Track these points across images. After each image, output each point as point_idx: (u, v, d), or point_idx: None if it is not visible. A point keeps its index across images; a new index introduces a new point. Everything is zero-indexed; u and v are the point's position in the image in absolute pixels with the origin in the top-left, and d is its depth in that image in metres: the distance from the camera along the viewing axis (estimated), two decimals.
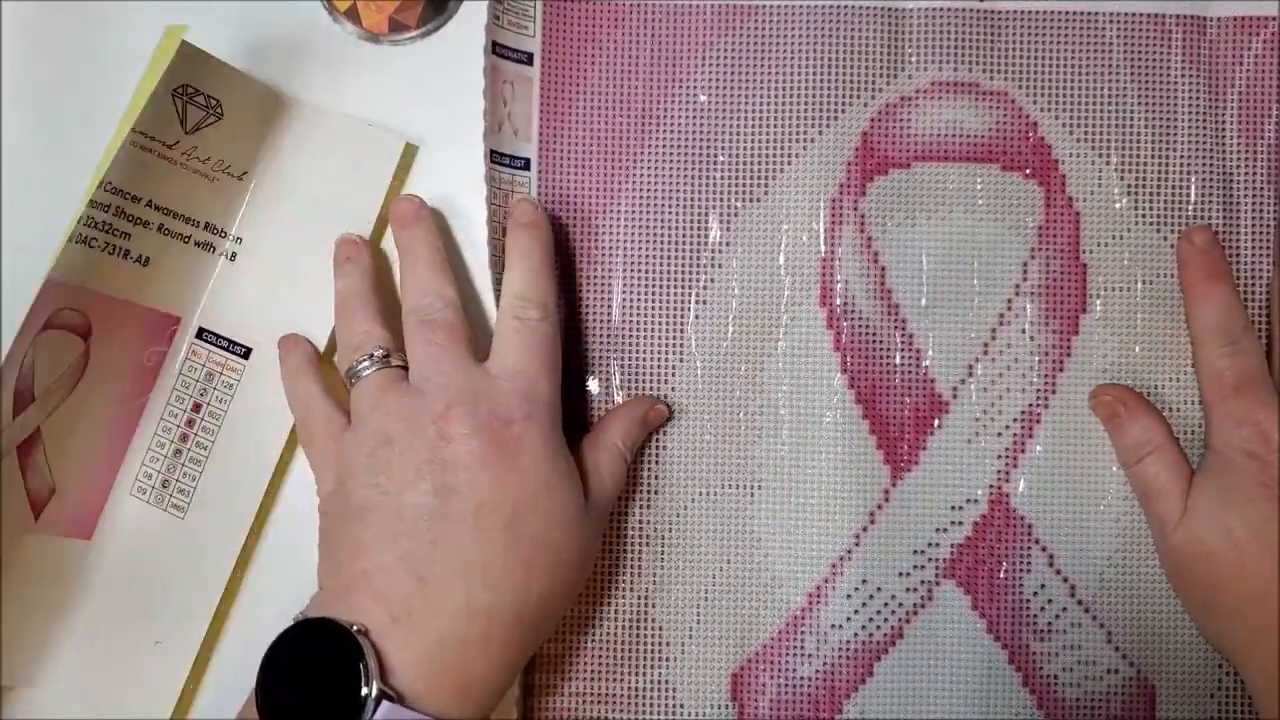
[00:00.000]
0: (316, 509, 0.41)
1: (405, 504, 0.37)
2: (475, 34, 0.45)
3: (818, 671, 0.44)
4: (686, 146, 0.45)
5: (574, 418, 0.44)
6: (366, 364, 0.40)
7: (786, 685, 0.44)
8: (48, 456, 0.42)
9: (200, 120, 0.43)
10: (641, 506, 0.45)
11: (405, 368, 0.41)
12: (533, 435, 0.39)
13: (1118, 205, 0.44)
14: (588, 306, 0.45)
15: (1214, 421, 0.42)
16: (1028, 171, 0.45)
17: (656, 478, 0.45)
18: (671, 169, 0.45)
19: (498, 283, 0.43)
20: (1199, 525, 0.40)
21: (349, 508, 0.38)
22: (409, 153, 0.46)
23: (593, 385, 0.45)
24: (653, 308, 0.45)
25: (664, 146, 0.45)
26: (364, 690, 0.34)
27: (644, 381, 0.45)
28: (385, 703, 0.34)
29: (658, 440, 0.45)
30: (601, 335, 0.45)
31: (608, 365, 0.45)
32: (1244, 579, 0.39)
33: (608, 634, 0.44)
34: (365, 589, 0.37)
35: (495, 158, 0.44)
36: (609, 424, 0.43)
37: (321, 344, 0.45)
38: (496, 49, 0.45)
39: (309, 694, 0.35)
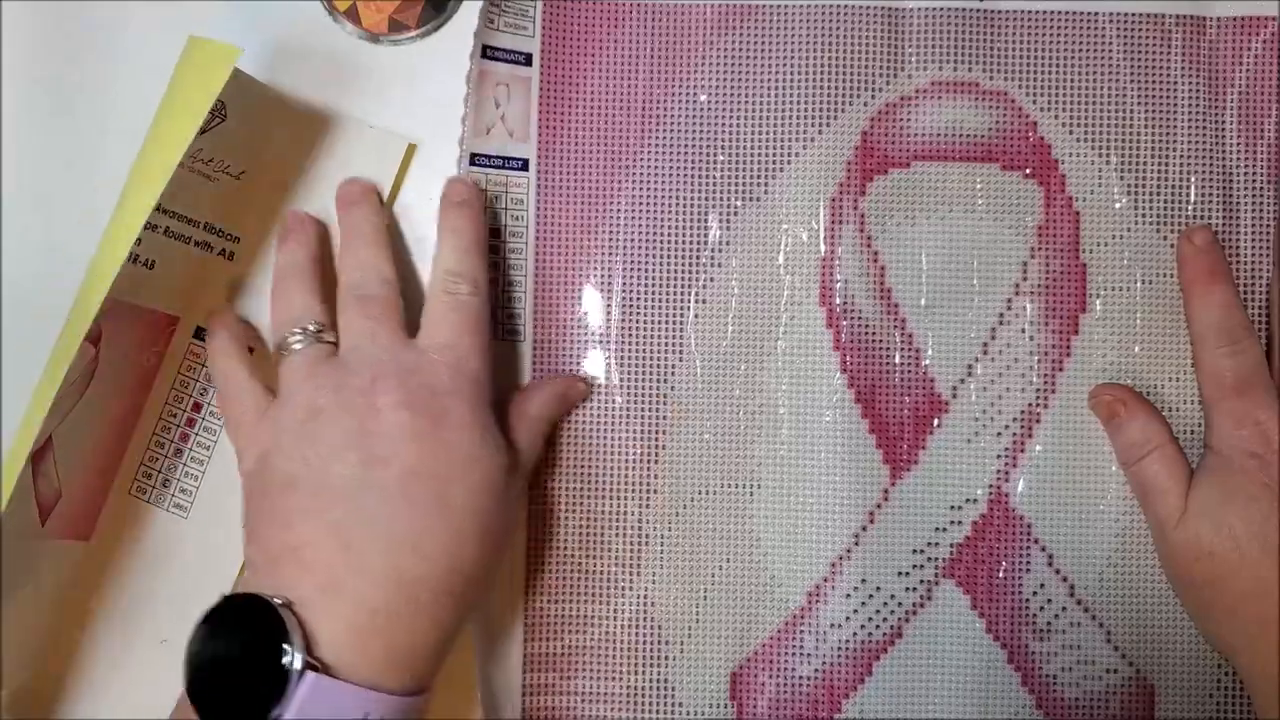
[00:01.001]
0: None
1: (332, 474, 0.37)
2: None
3: (817, 671, 0.44)
4: (686, 146, 0.45)
5: (582, 414, 0.45)
6: (299, 338, 0.40)
7: (786, 684, 0.44)
8: (56, 462, 0.42)
9: (205, 124, 0.43)
10: (640, 505, 0.45)
11: (336, 344, 0.41)
12: (460, 407, 0.39)
13: (1117, 205, 0.44)
14: (587, 305, 0.45)
15: (1214, 421, 0.42)
16: (1028, 171, 0.45)
17: (655, 477, 0.45)
18: (671, 168, 0.45)
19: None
20: (1199, 524, 0.40)
21: (273, 481, 0.38)
22: (409, 153, 0.46)
23: (595, 390, 0.45)
24: (652, 306, 0.45)
25: (664, 146, 0.45)
26: (286, 661, 0.34)
27: (643, 380, 0.45)
28: (310, 674, 0.34)
29: (656, 439, 0.45)
30: (601, 334, 0.45)
31: (608, 364, 0.45)
32: (1244, 577, 0.39)
33: (607, 633, 0.44)
34: (292, 561, 0.36)
35: (477, 160, 0.44)
36: (529, 396, 0.43)
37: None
38: (487, 52, 0.45)
39: (234, 670, 0.34)
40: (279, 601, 0.35)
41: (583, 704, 0.44)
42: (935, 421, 0.44)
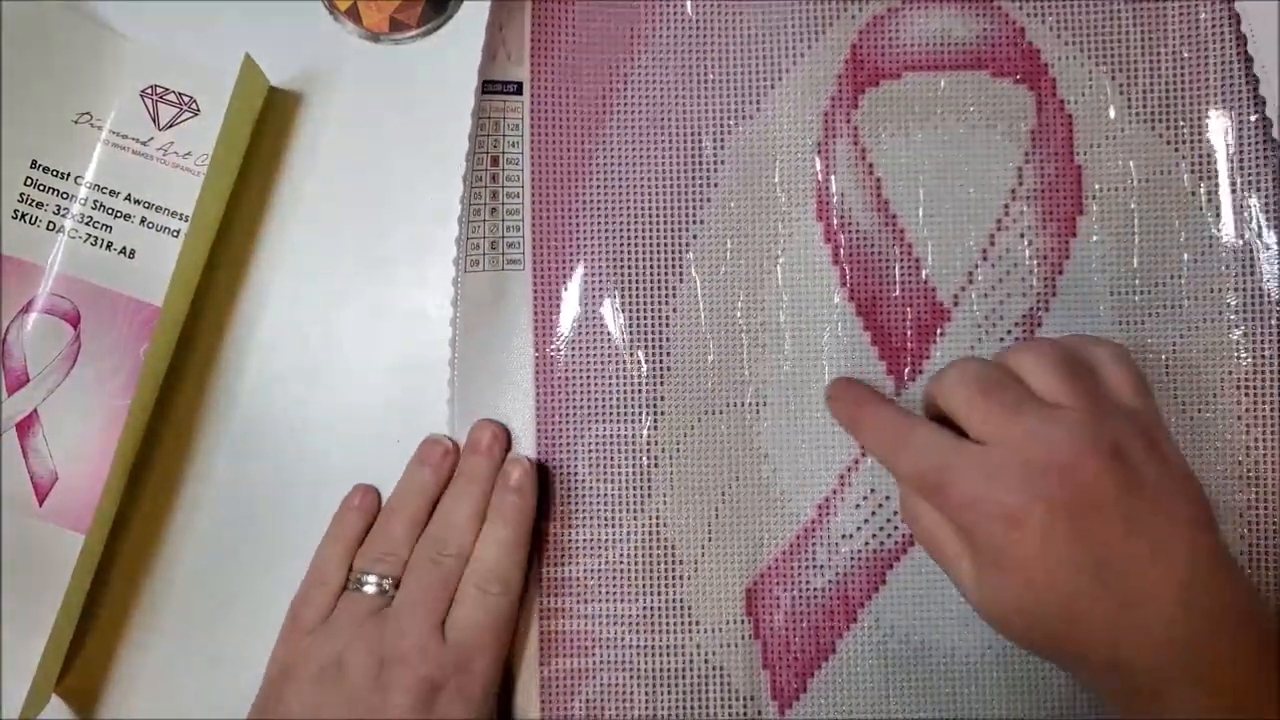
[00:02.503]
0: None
1: None
2: (475, 34, 0.45)
3: (830, 582, 0.44)
4: (676, 65, 0.45)
5: (586, 340, 0.45)
6: (373, 585, 0.42)
7: (800, 597, 0.44)
8: (48, 442, 0.42)
9: (174, 117, 0.43)
10: (649, 428, 0.45)
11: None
12: (458, 707, 0.40)
13: (1109, 106, 0.45)
14: (585, 232, 0.45)
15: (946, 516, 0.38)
16: (1018, 77, 0.45)
17: (662, 399, 0.45)
18: (662, 89, 0.45)
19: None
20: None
21: (279, 707, 0.40)
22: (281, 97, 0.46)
23: (602, 310, 0.45)
24: (650, 230, 0.45)
25: (654, 66, 0.45)
26: None
27: (645, 302, 0.45)
28: None
29: (661, 361, 0.45)
30: (601, 260, 0.45)
31: (609, 289, 0.45)
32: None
33: (621, 556, 0.45)
34: None
35: (488, 87, 0.44)
36: None
37: None
38: None
39: None
40: None
41: (600, 627, 0.44)
42: (938, 330, 0.45)
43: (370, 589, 0.42)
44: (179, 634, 0.42)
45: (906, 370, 0.45)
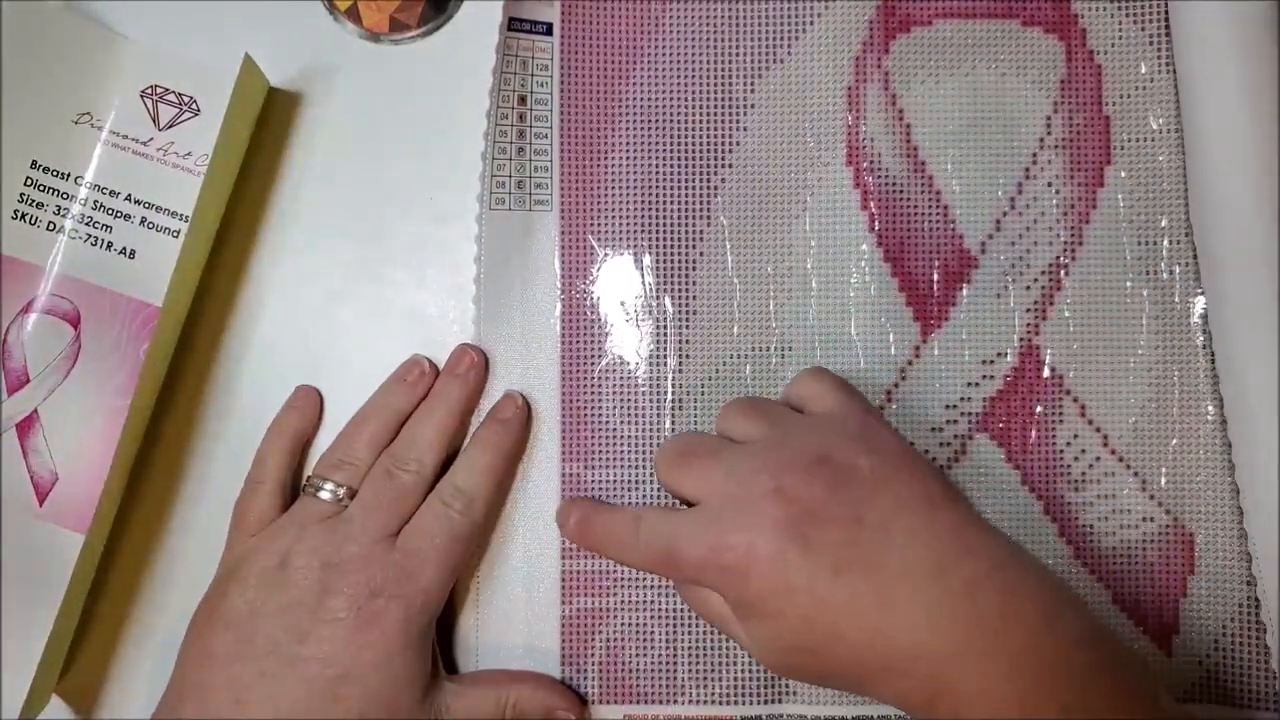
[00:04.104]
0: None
1: (260, 631, 0.39)
2: (475, 34, 0.46)
3: None
4: (708, 9, 0.46)
5: (613, 283, 0.45)
6: (329, 493, 0.42)
7: None
8: (48, 442, 0.42)
9: (174, 118, 0.43)
10: (674, 370, 0.45)
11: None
12: (394, 613, 0.39)
13: (1140, 60, 0.45)
14: (613, 174, 0.45)
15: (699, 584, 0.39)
16: (1047, 27, 0.45)
17: (687, 342, 0.45)
18: (692, 32, 0.46)
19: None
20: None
21: (217, 615, 0.40)
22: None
23: (629, 252, 0.45)
24: (678, 173, 0.45)
25: (685, 10, 0.46)
26: None
27: (672, 245, 0.45)
28: None
29: (687, 305, 0.45)
30: (629, 201, 0.45)
31: (636, 232, 0.45)
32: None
33: (643, 498, 0.44)
34: (195, 699, 0.39)
35: (514, 25, 0.44)
36: (510, 685, 0.42)
37: None
38: None
39: None
40: None
41: (621, 567, 0.44)
42: (965, 277, 0.44)
43: (325, 495, 0.42)
44: (179, 634, 0.41)
45: (932, 316, 0.44)
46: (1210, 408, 0.43)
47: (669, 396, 0.44)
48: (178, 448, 0.46)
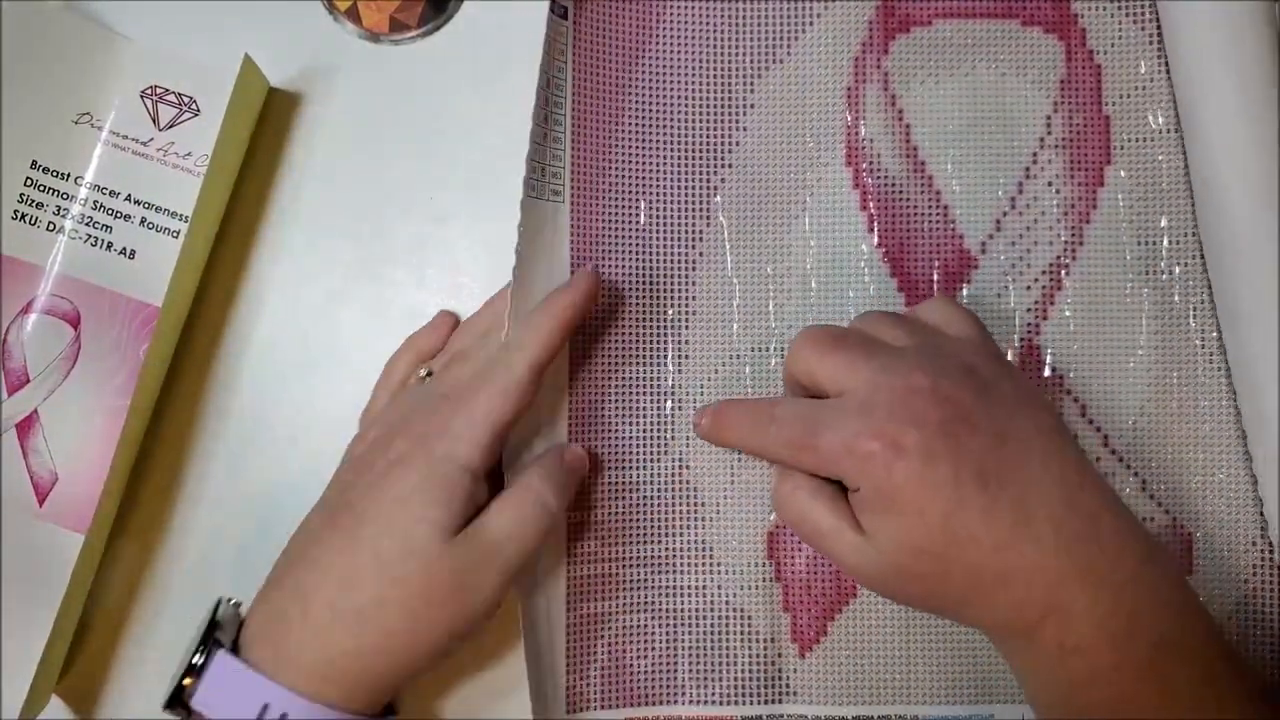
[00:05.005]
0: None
1: (327, 500, 0.40)
2: (475, 34, 0.46)
3: None
4: (711, 5, 0.45)
5: (617, 280, 0.44)
6: (423, 376, 0.43)
7: None
8: (48, 443, 0.42)
9: (174, 118, 0.43)
10: (674, 371, 0.44)
11: None
12: (418, 458, 0.38)
13: (1139, 59, 0.45)
14: (618, 167, 0.45)
15: (828, 472, 0.38)
16: (1047, 27, 0.45)
17: (686, 342, 0.45)
18: (693, 30, 0.45)
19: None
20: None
21: (331, 492, 0.41)
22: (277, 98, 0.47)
23: (632, 249, 0.44)
24: (679, 170, 0.45)
25: (689, 4, 0.45)
26: (201, 649, 0.37)
27: (674, 246, 0.45)
28: (219, 654, 0.36)
29: (688, 305, 0.45)
30: (633, 197, 0.45)
31: (639, 228, 0.44)
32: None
33: (645, 497, 0.44)
34: (286, 575, 0.39)
35: (553, 8, 0.44)
36: (528, 465, 0.41)
37: None
38: None
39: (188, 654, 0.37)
40: (230, 600, 0.39)
41: (624, 569, 0.44)
42: (965, 278, 0.44)
43: (422, 379, 0.43)
44: (179, 634, 0.40)
45: None
46: (1210, 407, 0.43)
47: (669, 396, 0.44)
48: (177, 448, 0.46)
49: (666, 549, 0.44)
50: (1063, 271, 0.44)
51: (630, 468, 0.44)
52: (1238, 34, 0.44)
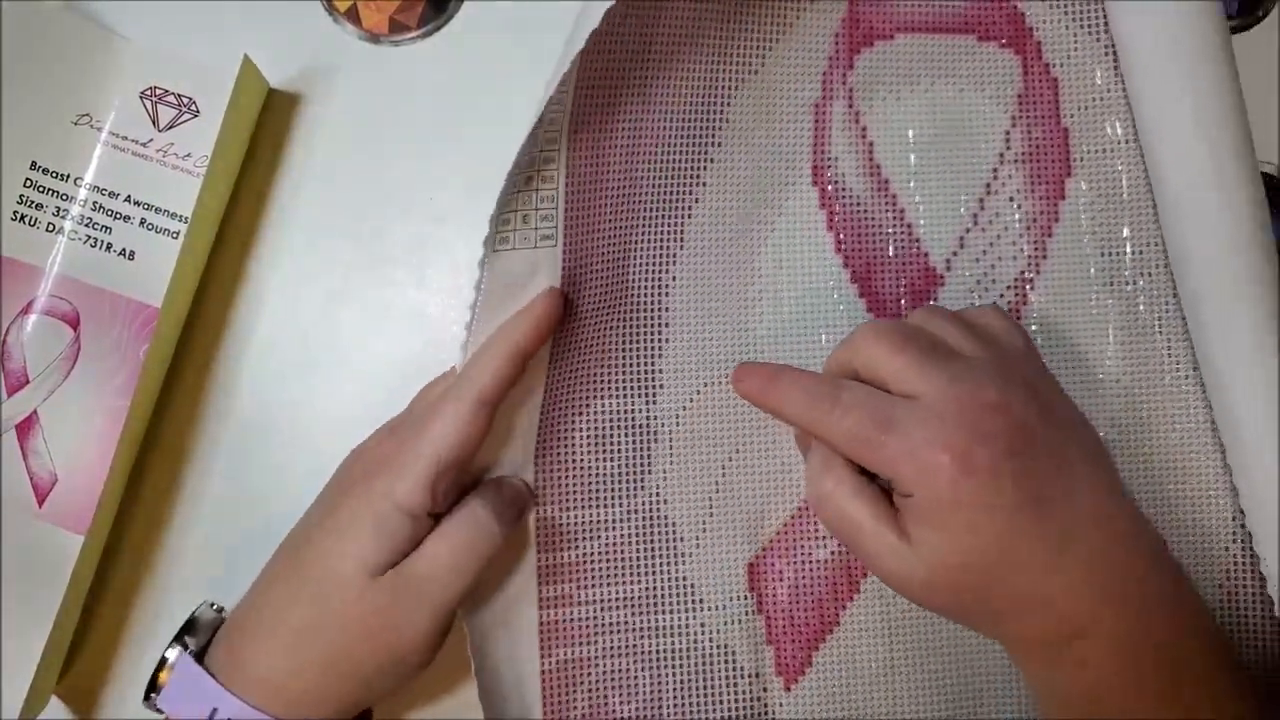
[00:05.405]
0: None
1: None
2: (475, 34, 0.47)
3: (833, 554, 0.44)
4: (682, 20, 0.43)
5: (597, 314, 0.43)
6: None
7: (803, 570, 0.44)
8: (48, 443, 0.43)
9: (173, 119, 0.43)
10: (647, 402, 0.44)
11: None
12: (356, 491, 0.39)
13: (1095, 68, 0.45)
14: (606, 200, 0.43)
15: (884, 472, 0.37)
16: (1003, 41, 0.45)
17: (660, 371, 0.44)
18: (672, 46, 0.43)
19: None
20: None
21: (307, 513, 0.41)
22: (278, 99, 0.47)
23: (609, 280, 0.43)
24: (659, 193, 0.44)
25: (662, 21, 0.43)
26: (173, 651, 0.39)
27: (646, 271, 0.44)
28: (183, 658, 0.38)
29: (660, 332, 0.44)
30: (614, 228, 0.43)
31: (617, 258, 0.43)
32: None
33: (622, 536, 0.43)
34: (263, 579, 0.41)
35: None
36: (467, 497, 0.41)
37: None
38: None
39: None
40: (213, 604, 0.42)
41: (602, 612, 0.43)
42: (931, 294, 0.45)
43: None
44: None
45: None
46: (1180, 415, 0.44)
47: (644, 428, 0.44)
48: (177, 448, 0.46)
49: (645, 588, 0.43)
50: (1028, 286, 0.44)
51: (604, 505, 0.43)
52: (1186, 34, 0.42)
